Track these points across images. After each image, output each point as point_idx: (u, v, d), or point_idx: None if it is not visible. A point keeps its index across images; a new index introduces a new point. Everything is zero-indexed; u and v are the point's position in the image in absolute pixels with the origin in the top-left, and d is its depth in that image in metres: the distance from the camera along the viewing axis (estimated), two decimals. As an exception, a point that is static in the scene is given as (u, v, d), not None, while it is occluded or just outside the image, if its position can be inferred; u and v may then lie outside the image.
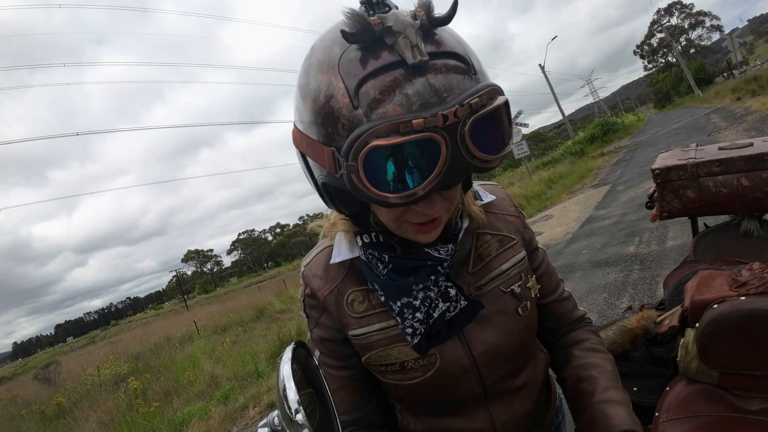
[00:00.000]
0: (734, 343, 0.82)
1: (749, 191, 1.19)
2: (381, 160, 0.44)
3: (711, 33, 45.74)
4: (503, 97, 0.47)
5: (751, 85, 17.88)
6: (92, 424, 5.77)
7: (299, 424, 0.47)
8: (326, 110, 0.46)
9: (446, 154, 0.44)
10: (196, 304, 43.72)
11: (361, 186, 0.44)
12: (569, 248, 5.85)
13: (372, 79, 0.45)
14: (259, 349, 6.68)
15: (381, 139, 0.42)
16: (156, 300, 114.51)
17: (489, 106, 0.45)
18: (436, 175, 0.45)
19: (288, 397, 0.47)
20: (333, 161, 0.46)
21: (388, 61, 0.45)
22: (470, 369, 0.65)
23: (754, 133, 8.73)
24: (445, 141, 0.43)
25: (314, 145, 0.49)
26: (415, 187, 0.45)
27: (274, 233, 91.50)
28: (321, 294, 0.67)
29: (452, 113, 0.43)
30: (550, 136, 68.48)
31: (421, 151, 0.44)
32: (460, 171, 0.46)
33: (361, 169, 0.43)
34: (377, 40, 0.45)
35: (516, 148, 15.03)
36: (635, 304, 1.38)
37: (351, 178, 0.44)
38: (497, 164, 0.49)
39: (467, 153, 0.45)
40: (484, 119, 0.45)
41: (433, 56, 0.45)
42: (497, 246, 0.69)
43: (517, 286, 0.68)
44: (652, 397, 1.00)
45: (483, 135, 0.46)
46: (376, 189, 0.44)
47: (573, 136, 27.33)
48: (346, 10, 0.45)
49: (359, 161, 0.43)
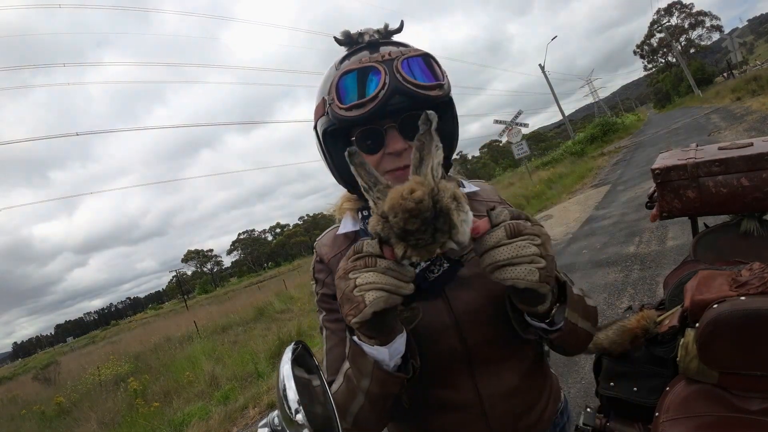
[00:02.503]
0: (734, 343, 0.82)
1: (749, 191, 1.19)
2: (344, 85, 0.66)
3: (711, 33, 45.70)
4: (428, 52, 0.70)
5: (751, 85, 17.88)
6: (92, 424, 5.77)
7: (299, 424, 0.47)
8: (323, 80, 0.73)
9: (385, 77, 0.65)
10: (196, 304, 43.73)
11: (336, 109, 0.66)
12: (569, 248, 5.85)
13: (347, 58, 0.71)
14: (259, 349, 6.68)
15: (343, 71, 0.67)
16: (156, 300, 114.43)
17: (415, 53, 0.69)
18: (381, 88, 0.64)
19: (288, 397, 0.48)
20: (323, 104, 0.71)
21: (359, 46, 0.72)
22: (451, 326, 0.70)
23: (754, 133, 8.73)
24: (383, 68, 0.65)
25: (317, 108, 0.74)
26: (367, 96, 0.64)
27: (274, 233, 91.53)
28: (327, 258, 0.77)
29: (388, 53, 0.67)
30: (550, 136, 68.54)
31: (368, 75, 0.66)
32: (403, 96, 0.65)
33: (334, 96, 0.67)
34: (355, 41, 0.73)
35: (516, 148, 15.03)
36: (635, 304, 1.38)
37: (331, 108, 0.67)
38: (436, 94, 0.68)
39: (402, 78, 0.65)
40: (411, 60, 0.67)
41: (384, 43, 0.72)
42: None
43: None
44: (652, 397, 1.00)
45: (413, 69, 0.67)
46: (344, 105, 0.66)
47: (573, 136, 27.32)
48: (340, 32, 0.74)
49: (333, 92, 0.67)
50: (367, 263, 0.52)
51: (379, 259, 0.52)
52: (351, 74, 0.66)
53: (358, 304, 0.52)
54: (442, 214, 0.48)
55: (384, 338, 0.59)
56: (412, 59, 0.67)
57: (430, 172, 0.52)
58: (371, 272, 0.52)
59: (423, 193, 0.47)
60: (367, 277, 0.52)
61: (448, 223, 0.48)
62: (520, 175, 18.71)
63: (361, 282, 0.52)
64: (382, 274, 0.52)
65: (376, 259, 0.52)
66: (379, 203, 0.51)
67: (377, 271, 0.52)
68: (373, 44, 0.71)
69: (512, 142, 15.25)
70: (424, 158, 0.52)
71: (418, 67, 0.68)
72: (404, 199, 0.47)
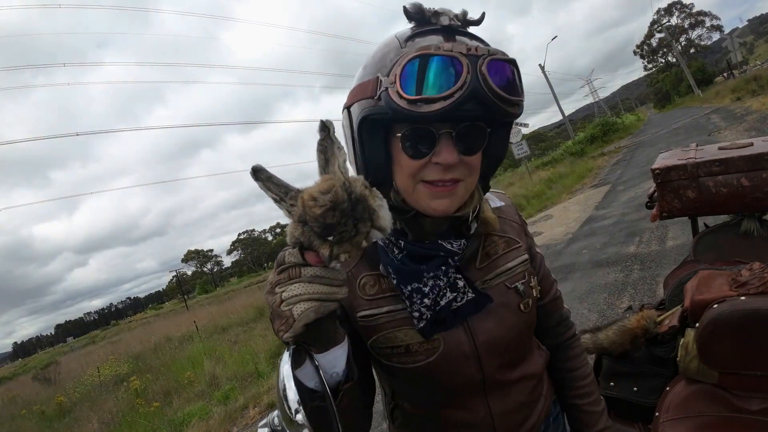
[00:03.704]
0: (734, 343, 0.82)
1: (749, 191, 1.19)
2: (414, 70, 0.54)
3: (711, 33, 45.67)
4: (514, 59, 0.59)
5: (751, 85, 17.87)
6: (93, 424, 5.77)
7: (299, 424, 0.47)
8: (379, 55, 0.61)
9: (467, 75, 0.53)
10: (196, 304, 43.71)
11: (396, 97, 0.55)
12: (569, 248, 5.85)
13: (418, 37, 0.59)
14: (259, 349, 6.68)
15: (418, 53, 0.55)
16: (156, 300, 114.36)
17: (504, 57, 0.57)
18: (459, 88, 0.53)
19: (288, 397, 0.48)
20: (375, 84, 0.58)
21: (431, 27, 0.60)
22: (471, 356, 0.68)
23: (754, 133, 8.72)
24: (467, 63, 0.54)
25: (361, 86, 0.61)
26: (442, 92, 0.53)
27: (274, 233, 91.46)
28: None
29: (475, 48, 0.55)
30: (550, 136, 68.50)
31: (446, 66, 0.54)
32: (478, 103, 0.55)
33: (397, 79, 0.55)
34: (426, 20, 0.60)
35: (516, 148, 15.03)
36: (635, 304, 1.38)
37: (387, 93, 0.55)
38: (514, 111, 0.58)
39: (485, 82, 0.54)
40: (499, 63, 0.56)
41: (462, 33, 0.60)
42: (504, 246, 0.73)
43: (520, 283, 0.72)
44: (652, 397, 1.00)
45: (498, 75, 0.56)
46: (408, 95, 0.54)
47: (573, 136, 27.31)
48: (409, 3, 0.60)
49: (397, 73, 0.55)
50: (291, 275, 0.48)
51: (303, 267, 0.48)
52: (429, 59, 0.54)
53: (287, 319, 0.48)
54: (360, 201, 0.46)
55: (321, 347, 0.55)
56: (499, 63, 0.57)
57: (338, 169, 0.49)
58: (297, 283, 0.48)
59: (334, 185, 0.46)
60: (292, 289, 0.48)
61: (367, 210, 0.47)
62: (520, 175, 18.69)
63: (287, 296, 0.48)
64: (309, 283, 0.48)
65: (300, 269, 0.48)
66: (294, 210, 0.48)
67: (303, 281, 0.48)
68: (449, 30, 0.59)
69: (512, 142, 15.24)
70: (329, 159, 0.50)
71: (503, 74, 0.57)
72: (319, 193, 0.46)
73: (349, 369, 0.58)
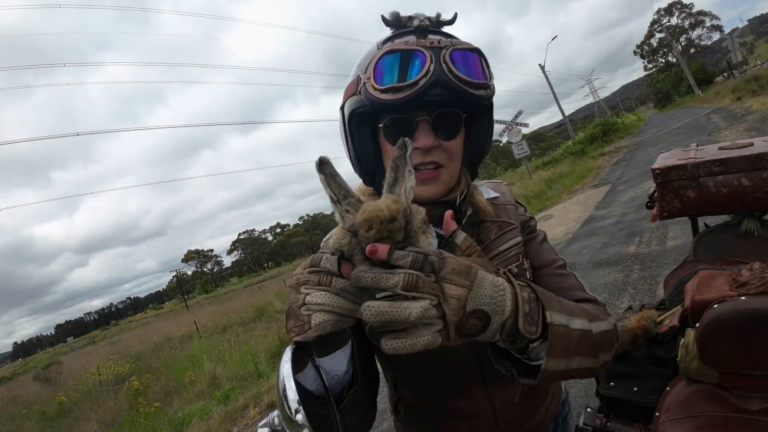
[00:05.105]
0: (734, 343, 0.82)
1: (749, 191, 1.19)
2: (384, 65, 0.62)
3: (711, 33, 45.65)
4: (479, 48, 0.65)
5: (751, 84, 17.86)
6: (93, 424, 5.77)
7: (299, 424, 0.47)
8: (362, 58, 0.68)
9: (430, 64, 0.60)
10: (197, 304, 43.73)
11: (370, 89, 0.62)
12: (569, 248, 5.85)
13: (392, 39, 0.67)
14: (260, 349, 6.68)
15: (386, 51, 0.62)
16: (156, 300, 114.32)
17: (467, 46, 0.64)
18: (423, 75, 0.60)
19: (288, 397, 0.48)
20: (357, 83, 0.66)
21: (406, 30, 0.68)
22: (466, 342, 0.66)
23: (754, 133, 8.72)
24: (430, 54, 0.61)
25: (348, 86, 0.69)
26: (408, 80, 0.60)
27: (274, 233, 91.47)
28: None
29: (437, 41, 0.63)
30: (551, 136, 68.47)
31: (412, 59, 0.61)
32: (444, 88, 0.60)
33: (371, 74, 0.62)
34: (402, 25, 0.68)
35: (516, 148, 15.03)
36: (635, 304, 1.38)
37: (365, 87, 0.63)
38: (481, 94, 0.63)
39: (448, 69, 0.61)
40: (461, 52, 0.63)
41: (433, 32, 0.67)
42: (496, 231, 0.74)
43: (514, 266, 0.72)
44: (652, 397, 1.00)
45: (461, 62, 0.62)
46: (379, 86, 0.61)
47: (573, 136, 27.29)
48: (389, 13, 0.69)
49: (371, 71, 0.63)
50: (321, 281, 0.47)
51: (335, 278, 0.46)
52: (393, 55, 0.62)
53: (303, 324, 0.46)
54: (411, 236, 0.46)
55: (325, 350, 0.54)
56: (462, 52, 0.63)
57: (404, 193, 0.49)
58: (324, 292, 0.46)
59: (398, 210, 0.45)
60: (318, 296, 0.46)
61: (415, 245, 0.46)
62: (520, 175, 18.68)
63: (310, 300, 0.46)
64: (336, 295, 0.46)
65: (332, 278, 0.46)
66: (348, 216, 0.47)
67: (331, 291, 0.46)
68: (421, 30, 0.67)
69: (512, 141, 15.24)
70: (398, 179, 0.50)
71: (467, 61, 0.63)
72: (382, 211, 0.44)
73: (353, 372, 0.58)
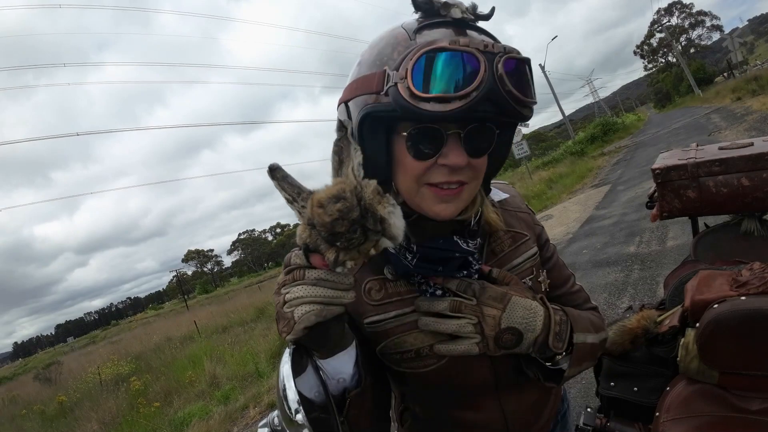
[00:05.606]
0: (734, 343, 0.82)
1: (749, 191, 1.19)
2: (427, 65, 0.50)
3: (711, 33, 45.64)
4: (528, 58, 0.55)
5: (752, 84, 17.82)
6: (93, 424, 5.77)
7: (299, 424, 0.47)
8: (385, 45, 0.56)
9: (484, 74, 0.50)
10: (197, 304, 43.72)
11: (406, 94, 0.50)
12: (570, 248, 5.84)
13: (428, 29, 0.55)
14: (260, 349, 6.68)
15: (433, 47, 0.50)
16: (156, 300, 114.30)
17: (518, 56, 0.54)
18: (476, 87, 0.49)
19: (288, 397, 0.48)
20: (383, 78, 0.53)
21: (441, 18, 0.55)
22: (483, 357, 0.65)
23: (754, 133, 8.71)
24: (484, 61, 0.50)
25: (365, 79, 0.55)
26: (456, 91, 0.49)
27: (274, 233, 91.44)
28: None
29: (491, 45, 0.51)
30: (551, 136, 68.41)
31: (463, 64, 0.50)
32: (492, 104, 0.51)
33: (409, 75, 0.50)
34: (435, 12, 0.55)
35: (516, 148, 15.01)
36: (635, 304, 1.38)
37: (397, 88, 0.51)
38: (527, 114, 0.55)
39: (501, 83, 0.50)
40: (514, 62, 0.53)
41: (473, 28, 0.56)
42: (510, 242, 0.72)
43: (528, 279, 0.70)
44: (652, 397, 1.00)
45: (515, 75, 0.53)
46: (421, 93, 0.50)
47: (573, 136, 27.28)
48: None
49: (409, 68, 0.50)
50: (295, 276, 0.48)
51: (307, 270, 0.48)
52: (444, 55, 0.50)
53: (289, 320, 0.48)
54: (369, 209, 0.45)
55: (326, 352, 0.54)
56: (516, 62, 0.53)
57: (351, 172, 0.49)
58: (300, 286, 0.47)
59: (344, 190, 0.45)
60: (295, 291, 0.47)
61: (376, 218, 0.46)
62: (520, 174, 18.67)
63: (289, 297, 0.48)
64: (313, 286, 0.47)
65: (304, 271, 0.48)
66: (305, 212, 0.48)
67: (306, 283, 0.47)
68: (461, 23, 0.55)
69: (512, 141, 15.20)
70: (343, 161, 0.50)
71: (520, 74, 0.54)
72: (328, 199, 0.45)
73: (359, 374, 0.57)
